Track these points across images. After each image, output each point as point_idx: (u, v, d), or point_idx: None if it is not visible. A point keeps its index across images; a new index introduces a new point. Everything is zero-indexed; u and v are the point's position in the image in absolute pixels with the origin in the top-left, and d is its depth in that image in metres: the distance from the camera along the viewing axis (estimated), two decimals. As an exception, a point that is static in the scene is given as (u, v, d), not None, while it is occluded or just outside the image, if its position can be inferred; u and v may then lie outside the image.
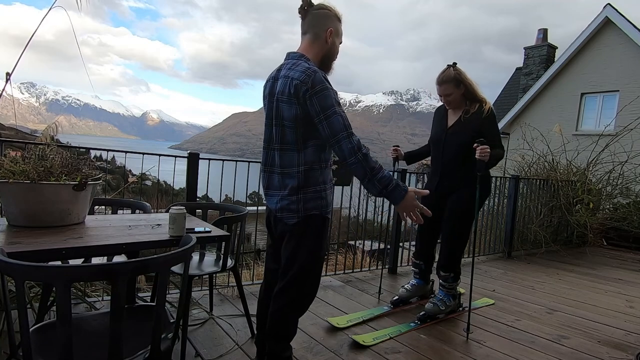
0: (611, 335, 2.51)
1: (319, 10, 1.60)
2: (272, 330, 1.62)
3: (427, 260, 2.79)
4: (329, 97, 1.46)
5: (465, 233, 2.57)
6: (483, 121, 2.40)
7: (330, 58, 1.64)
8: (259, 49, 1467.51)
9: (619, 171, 5.69)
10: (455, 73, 2.41)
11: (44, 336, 1.22)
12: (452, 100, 2.47)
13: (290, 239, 1.61)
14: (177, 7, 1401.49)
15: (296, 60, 1.54)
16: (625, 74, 9.26)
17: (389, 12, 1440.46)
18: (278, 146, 1.58)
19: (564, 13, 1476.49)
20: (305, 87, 1.44)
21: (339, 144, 1.46)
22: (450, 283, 2.58)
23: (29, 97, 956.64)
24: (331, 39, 1.60)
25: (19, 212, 1.48)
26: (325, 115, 1.45)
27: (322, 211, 1.59)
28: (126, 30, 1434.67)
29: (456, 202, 2.51)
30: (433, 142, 2.67)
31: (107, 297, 2.40)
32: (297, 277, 1.60)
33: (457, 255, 2.58)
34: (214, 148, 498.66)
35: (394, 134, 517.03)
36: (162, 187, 8.41)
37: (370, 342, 2.18)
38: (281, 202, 1.58)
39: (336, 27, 1.62)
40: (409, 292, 2.81)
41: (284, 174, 1.57)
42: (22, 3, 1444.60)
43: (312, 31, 1.59)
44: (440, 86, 2.47)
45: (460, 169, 2.50)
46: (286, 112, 1.51)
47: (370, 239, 5.53)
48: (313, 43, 1.59)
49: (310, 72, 1.46)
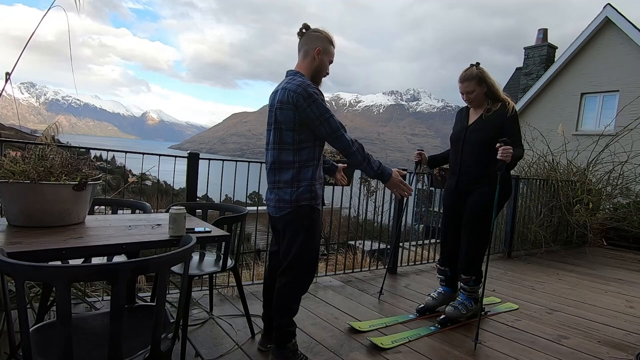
0: (611, 335, 2.51)
1: (312, 33, 1.88)
2: (277, 306, 1.88)
3: (452, 265, 2.66)
4: (322, 104, 1.76)
5: (484, 234, 2.47)
6: (507, 120, 2.38)
7: (320, 73, 1.90)
8: (258, 49, 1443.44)
9: (619, 171, 5.69)
10: (478, 71, 2.42)
11: (44, 336, 1.22)
12: (473, 98, 2.46)
13: (286, 229, 1.87)
14: (177, 8, 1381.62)
15: (293, 76, 1.82)
16: (625, 74, 9.25)
17: (386, 14, 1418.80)
18: (277, 146, 1.82)
19: (560, 14, 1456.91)
20: (302, 97, 1.72)
21: (339, 138, 1.77)
22: (472, 286, 2.52)
23: (29, 97, 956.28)
24: (319, 57, 1.86)
25: (19, 212, 1.48)
26: (324, 118, 1.75)
27: (311, 202, 1.84)
28: (127, 31, 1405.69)
29: (475, 202, 2.47)
30: (453, 140, 2.64)
31: (107, 297, 2.40)
32: (295, 260, 1.85)
33: (478, 257, 2.51)
34: (214, 148, 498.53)
35: (394, 134, 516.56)
36: (162, 187, 8.41)
37: (389, 345, 2.15)
38: (277, 193, 1.84)
39: (325, 47, 1.88)
40: (435, 300, 2.67)
41: (282, 169, 1.83)
42: (24, 4, 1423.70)
43: (303, 49, 1.88)
44: (462, 84, 2.47)
45: (479, 168, 2.46)
46: (284, 117, 1.77)
47: (370, 239, 5.53)
48: (304, 60, 1.88)
49: (305, 86, 1.74)
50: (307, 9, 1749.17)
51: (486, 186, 2.42)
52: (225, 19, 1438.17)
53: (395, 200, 3.63)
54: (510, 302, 3.03)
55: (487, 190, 2.41)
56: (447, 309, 2.53)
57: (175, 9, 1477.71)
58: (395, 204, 3.64)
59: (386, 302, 2.90)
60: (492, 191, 2.36)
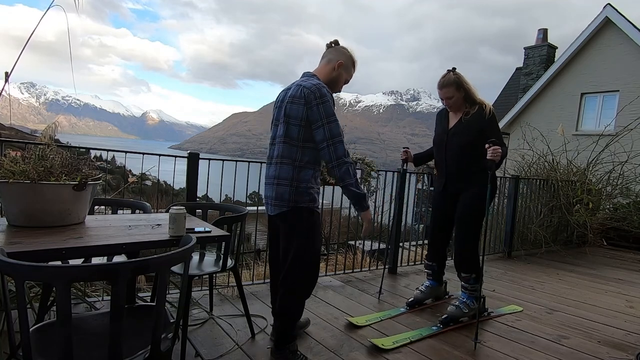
0: (611, 335, 2.51)
1: (340, 48, 2.01)
2: (281, 310, 1.89)
3: (439, 261, 2.82)
4: (331, 107, 1.79)
5: (478, 232, 2.57)
6: (486, 122, 2.44)
7: (335, 84, 1.97)
8: (258, 49, 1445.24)
9: (619, 171, 5.69)
10: (455, 77, 2.48)
11: (44, 336, 1.22)
12: (453, 103, 2.53)
13: (285, 231, 1.87)
14: (177, 8, 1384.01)
15: (309, 77, 1.88)
16: (625, 74, 9.25)
17: (385, 14, 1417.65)
18: (282, 139, 1.83)
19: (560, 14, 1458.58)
20: (314, 95, 1.76)
21: (336, 145, 1.77)
22: (472, 284, 2.54)
23: (29, 97, 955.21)
24: (339, 70, 1.95)
25: (19, 212, 1.48)
26: (327, 120, 1.77)
27: (309, 205, 1.85)
28: (127, 31, 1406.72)
29: (467, 202, 2.53)
30: (436, 143, 2.71)
31: (107, 297, 2.40)
32: (293, 266, 1.84)
33: (475, 256, 2.56)
34: (214, 148, 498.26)
35: (394, 134, 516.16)
36: (162, 187, 8.41)
37: (391, 346, 2.15)
38: (276, 189, 1.84)
39: (347, 63, 1.99)
40: (423, 293, 2.84)
41: (283, 164, 1.83)
42: (24, 4, 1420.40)
43: (327, 57, 1.98)
44: (441, 90, 2.54)
45: (465, 169, 2.53)
46: (294, 111, 1.79)
47: (370, 239, 5.53)
48: (325, 67, 1.96)
49: (320, 86, 1.80)
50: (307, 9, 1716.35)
51: (475, 187, 2.49)
52: (225, 19, 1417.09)
53: (396, 200, 3.64)
54: (511, 302, 3.03)
55: (476, 191, 2.48)
56: (449, 309, 2.54)
57: (175, 9, 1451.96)
58: (396, 204, 3.65)
59: (386, 302, 2.90)
60: (481, 191, 2.42)
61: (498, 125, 2.52)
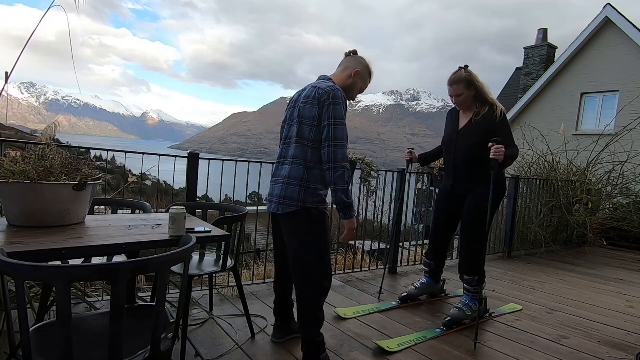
0: (611, 335, 2.51)
1: (359, 57, 2.04)
2: (306, 317, 1.87)
3: (438, 260, 2.82)
4: (342, 111, 1.80)
5: (483, 234, 2.52)
6: (497, 125, 2.40)
7: (349, 91, 1.98)
8: (258, 49, 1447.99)
9: (619, 171, 5.69)
10: (467, 74, 2.44)
11: (44, 336, 1.22)
12: (462, 101, 2.49)
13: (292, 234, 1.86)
14: (177, 8, 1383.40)
15: (326, 81, 1.91)
16: (625, 74, 9.25)
17: (385, 14, 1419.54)
18: (295, 140, 1.84)
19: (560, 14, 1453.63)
20: (328, 96, 1.77)
21: (336, 147, 1.75)
22: (475, 287, 2.52)
23: (29, 97, 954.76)
24: (354, 78, 1.97)
25: (19, 212, 1.48)
26: (334, 122, 1.76)
27: (319, 206, 1.84)
28: (127, 31, 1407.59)
29: (473, 204, 2.50)
30: (445, 144, 2.68)
31: (107, 297, 2.40)
32: (312, 265, 1.84)
33: (479, 257, 2.54)
34: (214, 148, 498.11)
35: (394, 134, 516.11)
36: (162, 187, 8.40)
37: (396, 349, 2.13)
38: (286, 189, 1.82)
39: (364, 73, 2.01)
40: (418, 290, 2.85)
41: (295, 164, 1.83)
42: (24, 4, 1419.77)
43: (345, 64, 2.01)
44: (451, 86, 2.49)
45: (474, 170, 2.50)
46: (307, 112, 1.81)
47: (370, 239, 5.53)
48: (341, 73, 1.98)
49: (335, 89, 1.81)
50: (307, 9, 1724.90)
51: (482, 187, 2.45)
52: (225, 19, 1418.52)
53: (396, 200, 3.64)
54: (511, 302, 3.03)
55: (483, 191, 2.44)
56: (452, 311, 2.52)
57: (175, 9, 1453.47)
58: (396, 204, 3.65)
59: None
60: (488, 192, 2.39)
61: (509, 127, 2.47)
